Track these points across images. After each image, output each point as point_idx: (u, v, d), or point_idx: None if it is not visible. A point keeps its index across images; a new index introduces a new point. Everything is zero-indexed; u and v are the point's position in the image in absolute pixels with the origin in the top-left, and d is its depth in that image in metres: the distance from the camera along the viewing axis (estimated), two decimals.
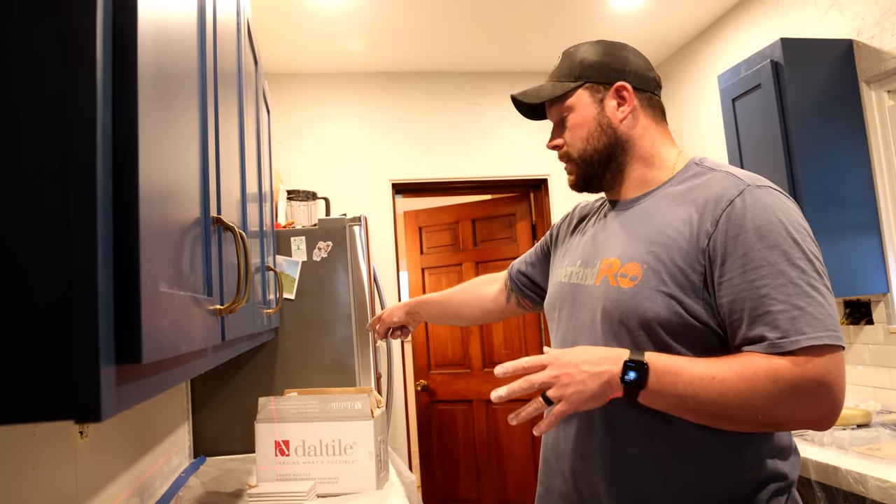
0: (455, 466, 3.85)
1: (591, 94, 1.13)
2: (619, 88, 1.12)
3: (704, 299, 0.97)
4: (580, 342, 1.09)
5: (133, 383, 0.54)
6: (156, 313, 0.55)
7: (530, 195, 3.81)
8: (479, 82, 3.70)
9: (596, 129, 1.12)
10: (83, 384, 0.45)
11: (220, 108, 1.03)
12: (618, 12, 3.03)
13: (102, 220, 0.47)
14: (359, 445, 1.67)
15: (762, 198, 0.96)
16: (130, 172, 0.52)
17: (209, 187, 0.88)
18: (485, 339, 3.83)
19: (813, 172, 2.27)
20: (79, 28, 0.48)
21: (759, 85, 2.39)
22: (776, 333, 0.89)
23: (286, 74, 3.51)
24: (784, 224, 0.94)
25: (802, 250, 0.93)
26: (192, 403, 2.32)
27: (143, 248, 0.53)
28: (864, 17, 2.33)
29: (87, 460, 1.26)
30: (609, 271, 1.06)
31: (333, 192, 3.41)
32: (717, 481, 0.98)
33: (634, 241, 1.05)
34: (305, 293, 2.37)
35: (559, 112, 1.16)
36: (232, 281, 1.00)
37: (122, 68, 0.53)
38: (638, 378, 0.92)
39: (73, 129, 0.47)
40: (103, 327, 0.46)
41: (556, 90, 1.15)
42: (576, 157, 1.14)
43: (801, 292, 0.90)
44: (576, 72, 1.14)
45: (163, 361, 0.64)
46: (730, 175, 1.02)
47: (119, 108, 0.52)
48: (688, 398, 0.91)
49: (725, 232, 0.95)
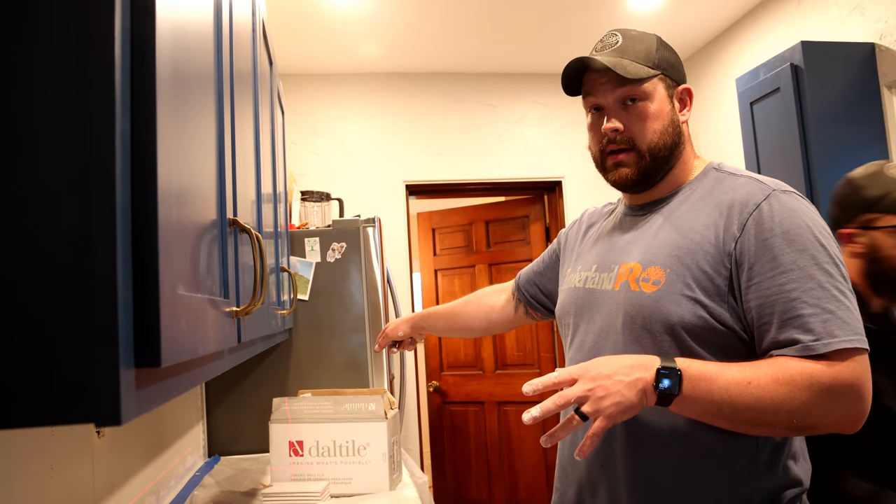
0: (466, 468, 3.85)
1: (666, 87, 1.08)
2: (685, 91, 1.11)
3: (729, 303, 0.96)
4: (600, 347, 1.08)
5: (152, 386, 0.54)
6: (174, 316, 0.55)
7: (544, 197, 3.80)
8: (493, 84, 3.70)
9: (670, 125, 1.07)
10: (103, 388, 0.45)
11: (235, 109, 1.03)
12: (635, 13, 3.01)
13: (121, 225, 0.48)
14: (372, 446, 1.67)
15: (789, 202, 0.96)
16: (149, 177, 0.52)
17: (225, 189, 0.88)
18: (497, 341, 3.82)
19: (831, 178, 2.23)
20: (97, 33, 0.48)
21: (778, 88, 2.37)
22: (809, 336, 0.89)
23: (301, 75, 3.52)
24: (811, 228, 0.94)
25: (829, 255, 0.93)
26: (206, 403, 2.33)
27: (162, 252, 0.53)
28: (888, 21, 2.30)
29: (104, 460, 1.27)
30: (630, 276, 1.05)
31: (347, 194, 3.42)
32: (738, 487, 0.97)
33: (655, 246, 1.04)
34: (319, 294, 2.38)
35: (628, 93, 1.05)
36: (248, 282, 1.01)
37: (141, 72, 0.53)
38: (672, 385, 0.88)
39: (93, 136, 0.47)
40: (123, 331, 0.47)
41: (641, 71, 1.05)
42: (644, 149, 1.06)
43: (831, 296, 0.90)
44: (653, 59, 1.07)
45: (181, 364, 0.64)
46: (753, 180, 1.02)
47: (137, 112, 0.53)
48: (724, 404, 0.89)
49: (754, 236, 0.95)
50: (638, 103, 1.06)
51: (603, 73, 1.07)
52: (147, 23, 0.54)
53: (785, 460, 0.99)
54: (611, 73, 1.05)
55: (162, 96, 0.56)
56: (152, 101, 0.54)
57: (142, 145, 0.53)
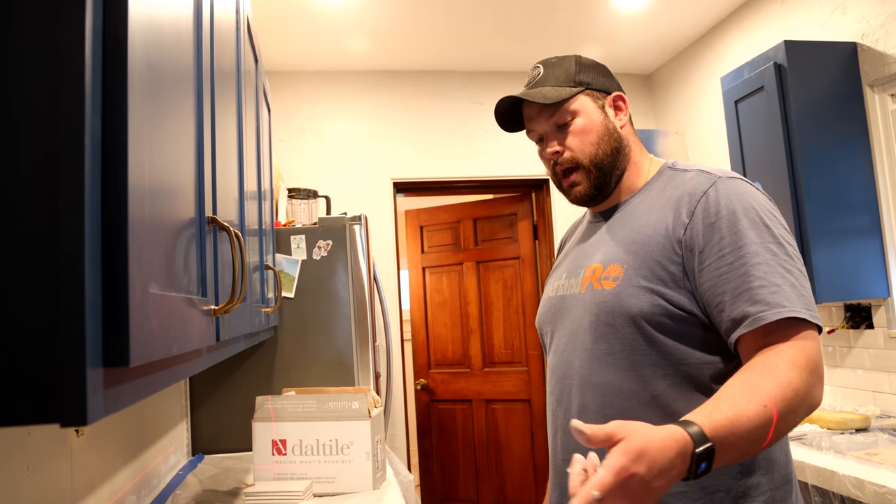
0: (454, 466, 3.85)
1: (593, 100, 1.14)
2: (616, 98, 1.16)
3: (686, 288, 0.99)
4: (571, 349, 1.10)
5: (122, 386, 0.54)
6: (145, 316, 0.55)
7: (532, 195, 3.81)
8: (481, 81, 3.70)
9: (605, 134, 1.12)
10: (69, 388, 0.45)
11: (217, 106, 1.03)
12: (621, 13, 3.02)
13: (90, 223, 0.47)
14: (356, 445, 1.67)
15: (734, 186, 1.01)
16: (119, 174, 0.52)
17: (204, 186, 0.88)
18: (485, 338, 3.83)
19: (815, 175, 2.26)
20: (68, 32, 0.48)
21: (762, 87, 2.38)
22: (757, 307, 0.91)
23: (288, 72, 3.51)
24: (756, 210, 0.98)
25: (774, 235, 0.96)
26: (190, 401, 2.32)
27: (132, 250, 0.52)
28: (869, 21, 2.32)
29: (83, 458, 1.26)
30: (593, 276, 1.08)
31: (335, 191, 3.41)
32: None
33: (615, 245, 1.08)
34: (305, 292, 2.37)
35: (560, 117, 1.13)
36: (227, 281, 1.00)
37: (112, 70, 0.53)
38: (708, 466, 0.79)
39: (63, 130, 0.47)
40: (90, 331, 0.46)
41: (561, 93, 1.12)
42: (587, 164, 1.11)
43: (777, 272, 0.93)
44: (573, 78, 1.14)
45: (154, 363, 0.63)
46: (702, 172, 1.06)
47: (108, 109, 0.52)
48: (752, 443, 0.84)
49: (701, 220, 0.99)
50: (573, 122, 1.12)
51: (531, 106, 1.15)
52: (119, 22, 0.54)
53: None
54: (537, 105, 1.13)
55: (134, 93, 0.56)
56: (123, 98, 0.53)
57: (113, 142, 0.52)
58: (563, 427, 1.11)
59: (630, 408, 1.01)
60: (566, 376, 1.11)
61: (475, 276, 3.88)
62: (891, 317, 2.26)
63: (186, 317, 0.72)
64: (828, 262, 2.22)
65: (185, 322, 0.71)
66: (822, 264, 2.21)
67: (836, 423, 2.06)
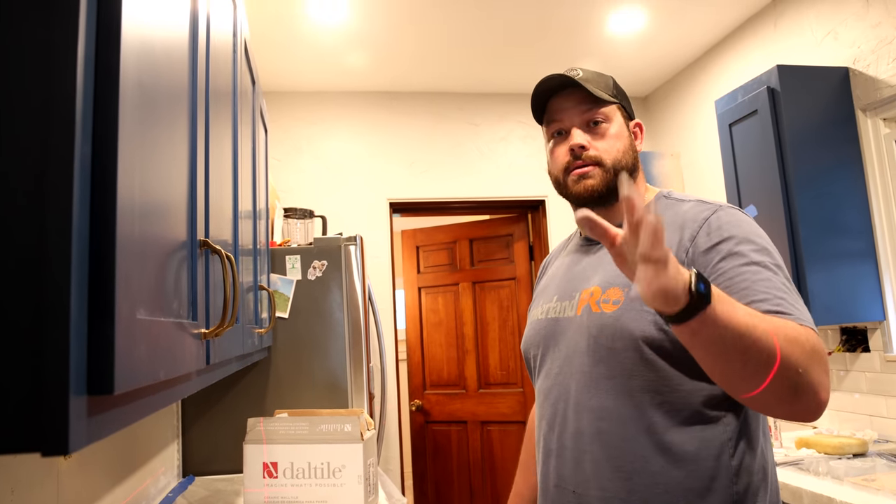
0: (449, 487, 3.81)
1: (623, 116, 1.18)
2: (637, 125, 1.21)
3: None
4: (567, 371, 1.09)
5: (107, 413, 0.53)
6: (132, 342, 0.54)
7: (528, 216, 3.81)
8: (477, 103, 3.72)
9: (629, 148, 1.16)
10: (51, 416, 0.44)
11: (212, 127, 1.03)
12: (615, 36, 3.05)
13: (77, 248, 0.47)
14: (348, 469, 1.65)
15: (734, 214, 1.04)
16: (108, 199, 0.52)
17: (197, 207, 0.88)
18: (480, 360, 3.81)
19: (809, 198, 2.27)
20: (60, 56, 0.48)
21: (756, 111, 2.40)
22: (765, 307, 0.90)
23: (286, 92, 3.53)
24: (756, 235, 1.00)
25: (773, 259, 0.98)
26: (182, 421, 2.30)
27: (120, 275, 0.52)
28: (860, 46, 2.35)
29: (70, 481, 1.24)
30: (591, 299, 1.08)
31: (331, 211, 3.41)
32: None
33: (614, 269, 1.07)
34: (299, 312, 2.36)
35: (594, 115, 1.14)
36: (219, 304, 0.99)
37: (104, 95, 0.53)
38: (706, 291, 0.76)
39: (52, 151, 0.47)
40: (74, 358, 0.46)
41: (604, 94, 1.14)
42: (609, 165, 1.12)
43: (778, 287, 0.94)
44: (611, 90, 1.17)
45: (141, 389, 0.62)
46: (701, 202, 1.09)
47: (99, 130, 0.52)
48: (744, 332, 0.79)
49: (703, 244, 1.00)
50: (601, 125, 1.14)
51: (568, 98, 1.15)
52: (111, 46, 0.54)
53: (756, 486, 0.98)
54: (575, 98, 1.14)
55: (125, 118, 0.55)
56: (114, 123, 0.53)
57: (102, 165, 0.52)
58: (557, 451, 1.10)
59: (626, 434, 1.00)
60: (560, 399, 1.10)
61: (471, 297, 3.87)
62: (887, 340, 2.26)
63: (175, 341, 0.71)
64: (823, 284, 2.22)
65: (173, 347, 0.70)
66: (818, 287, 2.21)
67: (834, 447, 2.05)
